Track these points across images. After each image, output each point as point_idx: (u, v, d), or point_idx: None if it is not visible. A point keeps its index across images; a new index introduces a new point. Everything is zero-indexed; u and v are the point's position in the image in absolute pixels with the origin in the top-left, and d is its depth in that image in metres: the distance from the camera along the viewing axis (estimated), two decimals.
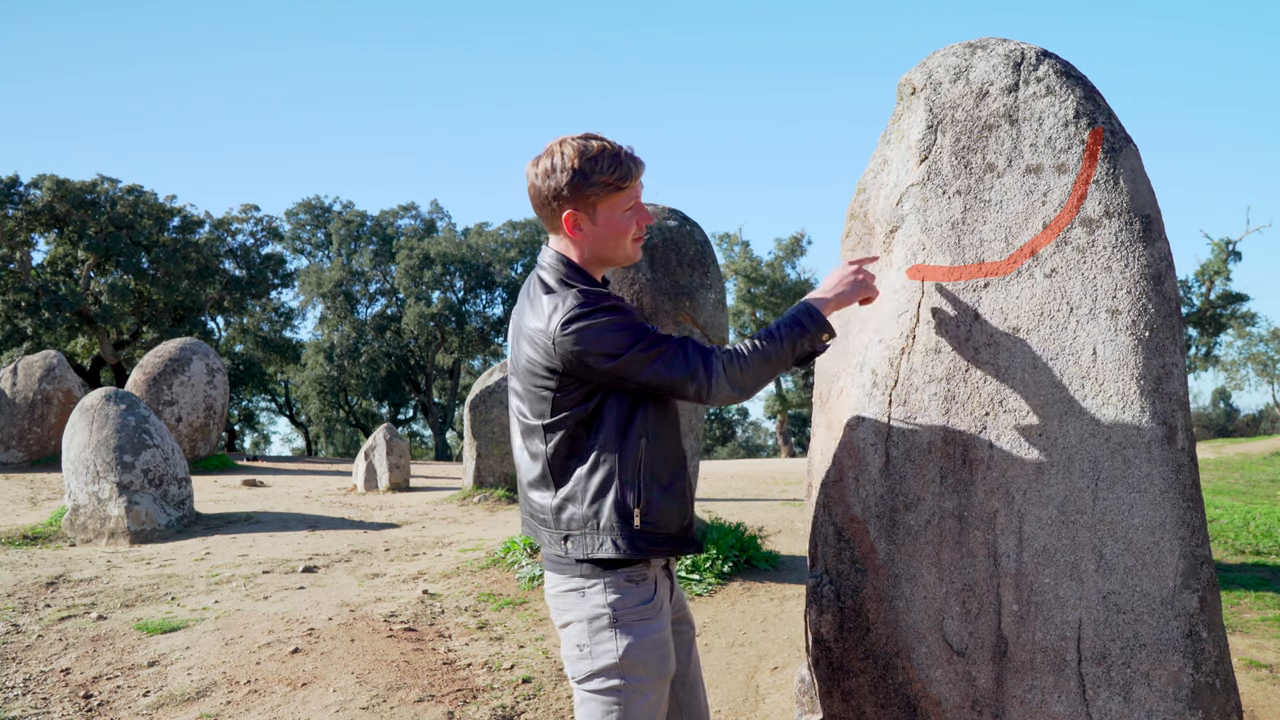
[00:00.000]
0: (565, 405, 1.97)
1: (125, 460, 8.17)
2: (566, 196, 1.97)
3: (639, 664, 1.98)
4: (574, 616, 2.02)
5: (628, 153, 1.99)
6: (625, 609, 1.99)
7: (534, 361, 1.98)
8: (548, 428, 2.00)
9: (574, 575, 2.02)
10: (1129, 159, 2.28)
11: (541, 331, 1.94)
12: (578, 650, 2.01)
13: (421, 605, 5.26)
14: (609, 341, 1.89)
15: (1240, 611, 4.83)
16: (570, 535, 2.01)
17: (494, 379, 11.09)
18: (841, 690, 2.40)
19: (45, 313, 23.22)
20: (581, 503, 1.99)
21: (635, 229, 2.04)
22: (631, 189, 2.00)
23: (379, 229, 32.78)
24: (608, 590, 1.99)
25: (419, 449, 35.61)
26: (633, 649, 1.97)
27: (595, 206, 1.99)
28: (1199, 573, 2.16)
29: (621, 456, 1.97)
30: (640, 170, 2.00)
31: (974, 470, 2.25)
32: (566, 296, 1.95)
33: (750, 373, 1.99)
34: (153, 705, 3.81)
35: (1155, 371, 2.19)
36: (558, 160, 1.95)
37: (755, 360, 1.99)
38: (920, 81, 2.49)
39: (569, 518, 2.01)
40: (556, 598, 2.08)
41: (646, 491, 1.98)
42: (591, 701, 2.00)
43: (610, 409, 1.97)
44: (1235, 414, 41.60)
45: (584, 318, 1.90)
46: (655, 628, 2.02)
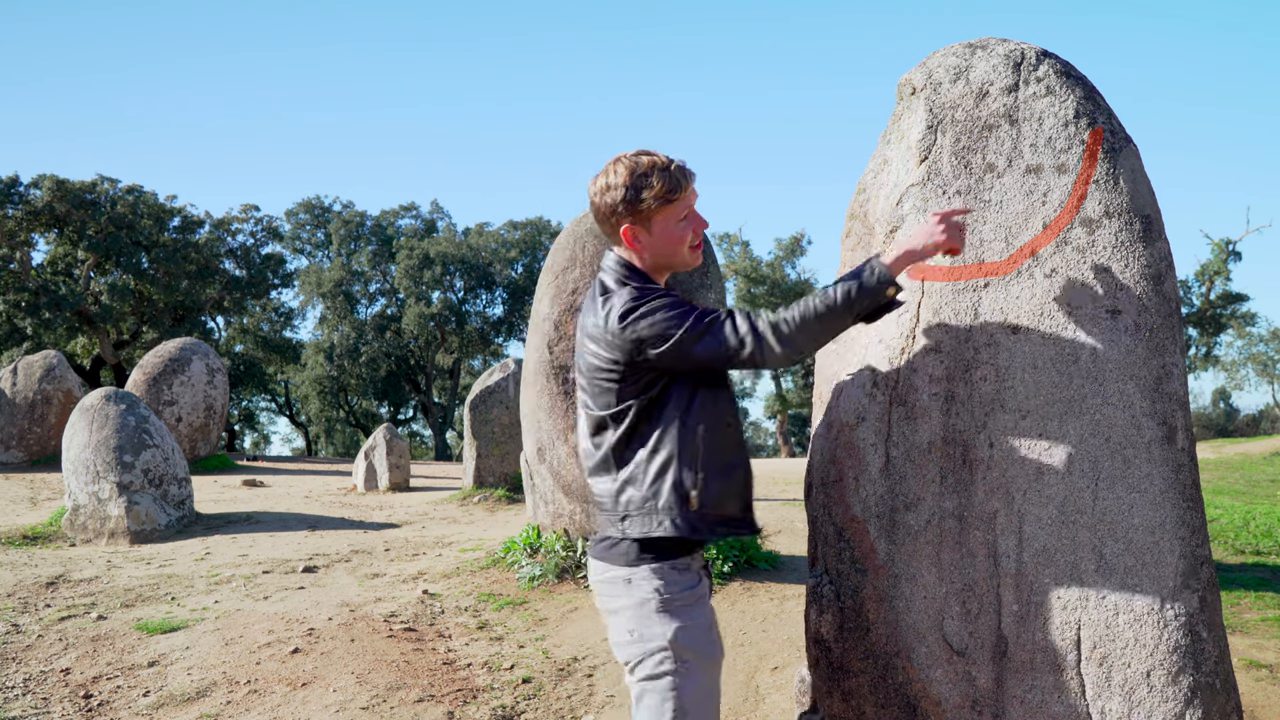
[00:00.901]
0: (629, 394, 2.08)
1: (125, 460, 8.17)
2: (623, 212, 2.10)
3: (688, 646, 2.04)
4: (622, 603, 2.09)
5: (678, 166, 2.10)
6: (672, 593, 2.06)
7: (598, 355, 2.09)
8: (613, 417, 2.11)
9: (621, 564, 2.09)
10: (1129, 159, 2.28)
11: (601, 328, 2.07)
12: (628, 635, 2.08)
13: (421, 605, 5.26)
14: (661, 326, 2.01)
15: (1240, 611, 4.83)
16: (628, 515, 2.10)
17: (494, 379, 11.09)
18: (841, 690, 2.40)
19: (45, 313, 23.22)
20: (641, 484, 2.08)
21: (691, 236, 2.15)
22: (683, 200, 2.11)
23: (379, 229, 32.77)
24: (654, 576, 2.06)
25: (419, 449, 35.62)
26: (681, 632, 2.04)
27: (650, 219, 2.11)
28: (1199, 573, 2.16)
29: (681, 440, 2.06)
30: (689, 182, 2.11)
31: (974, 470, 2.25)
32: (621, 294, 2.08)
33: (801, 333, 2.00)
34: (153, 705, 3.81)
35: (1155, 371, 2.19)
36: (612, 178, 2.10)
37: (805, 318, 2.01)
38: (920, 81, 2.49)
39: (628, 499, 2.10)
40: (603, 584, 2.15)
41: (704, 473, 2.06)
42: (649, 694, 2.05)
43: (671, 396, 2.08)
44: (1235, 414, 41.60)
45: (637, 309, 2.03)
46: (701, 612, 2.09)
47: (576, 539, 5.80)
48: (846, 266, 2.74)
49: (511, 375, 11.04)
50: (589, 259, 5.87)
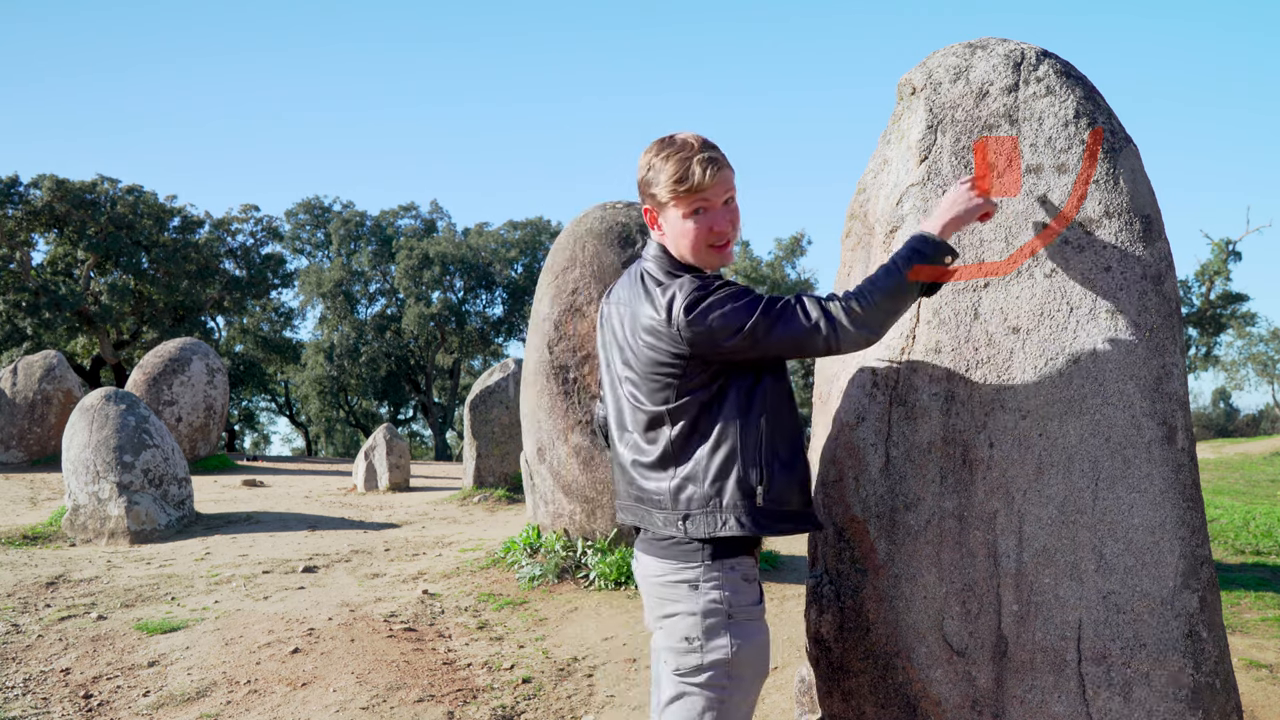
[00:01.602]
0: (690, 389, 2.00)
1: (125, 460, 8.17)
2: (642, 192, 2.06)
3: (746, 664, 1.99)
4: (685, 609, 2.01)
5: (703, 156, 1.97)
6: (740, 607, 2.00)
7: (657, 349, 2.00)
8: (671, 412, 2.01)
9: (687, 566, 2.00)
10: (1129, 159, 2.28)
11: (663, 321, 1.97)
12: (686, 644, 2.00)
13: (421, 605, 5.26)
14: (732, 316, 1.92)
15: (1240, 611, 4.83)
16: (690, 515, 2.01)
17: (494, 379, 11.09)
18: (841, 690, 2.40)
19: (45, 313, 23.21)
20: (703, 482, 1.99)
21: (709, 235, 2.02)
22: (699, 193, 1.98)
23: (379, 229, 32.76)
24: (724, 586, 1.99)
25: (419, 449, 35.61)
26: (744, 649, 1.98)
27: (663, 207, 2.04)
28: (1199, 573, 2.16)
29: (744, 435, 1.98)
30: (710, 175, 1.97)
31: (974, 470, 2.25)
32: (682, 284, 1.98)
33: (875, 311, 1.94)
34: (153, 705, 3.81)
35: (1155, 371, 2.19)
36: (643, 157, 2.04)
37: (877, 297, 1.95)
38: (920, 81, 2.49)
39: (689, 497, 2.01)
40: (664, 586, 2.05)
41: (768, 469, 1.99)
42: (694, 695, 1.99)
43: (732, 390, 2.00)
44: (1235, 414, 41.60)
45: (703, 300, 1.94)
46: (763, 629, 2.04)
47: (576, 539, 5.79)
48: (846, 266, 2.74)
49: (511, 375, 11.04)
50: (589, 259, 5.87)
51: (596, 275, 5.82)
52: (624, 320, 2.11)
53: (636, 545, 2.17)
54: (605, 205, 6.14)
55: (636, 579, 2.17)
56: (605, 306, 2.25)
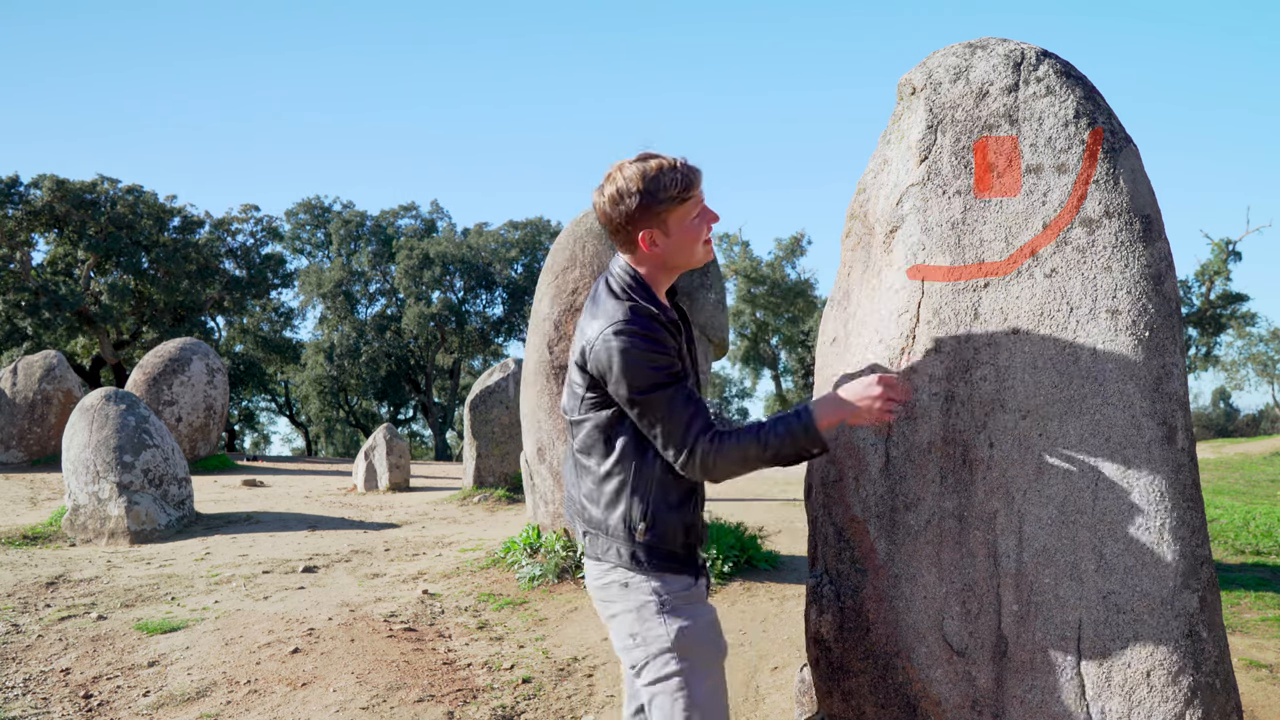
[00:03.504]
0: (590, 406, 2.07)
1: (125, 460, 8.17)
2: (639, 218, 2.05)
3: (692, 644, 2.04)
4: (621, 607, 2.08)
5: (684, 163, 2.07)
6: (671, 594, 2.06)
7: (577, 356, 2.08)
8: (574, 423, 2.12)
9: (615, 567, 2.08)
10: (1129, 159, 2.28)
11: (588, 335, 2.04)
12: (630, 639, 2.07)
13: (421, 605, 5.26)
14: (635, 372, 1.96)
15: (1240, 611, 4.83)
16: (588, 533, 2.13)
17: (494, 379, 11.09)
18: (841, 690, 2.40)
19: (45, 313, 23.21)
20: (598, 505, 2.09)
21: (705, 231, 2.14)
22: (696, 197, 2.09)
23: (379, 229, 32.75)
24: (650, 579, 2.05)
25: (419, 449, 35.60)
26: (684, 631, 2.04)
27: (667, 221, 2.07)
28: (1199, 573, 2.16)
29: (637, 470, 2.05)
30: (700, 178, 2.09)
31: (974, 470, 2.25)
32: (622, 309, 2.02)
33: (725, 466, 2.00)
34: (153, 705, 3.81)
35: (1155, 371, 2.19)
36: (624, 185, 2.04)
37: (735, 456, 1.99)
38: (920, 81, 2.49)
39: (589, 517, 2.12)
40: (599, 589, 2.13)
41: (654, 508, 2.05)
42: (659, 696, 2.04)
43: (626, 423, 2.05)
44: (1235, 414, 41.59)
45: (627, 336, 1.97)
46: (702, 609, 2.09)
47: (576, 539, 5.80)
48: (846, 266, 2.74)
49: (511, 375, 11.04)
50: (589, 259, 5.87)
51: (596, 275, 5.82)
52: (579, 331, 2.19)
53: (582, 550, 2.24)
54: None
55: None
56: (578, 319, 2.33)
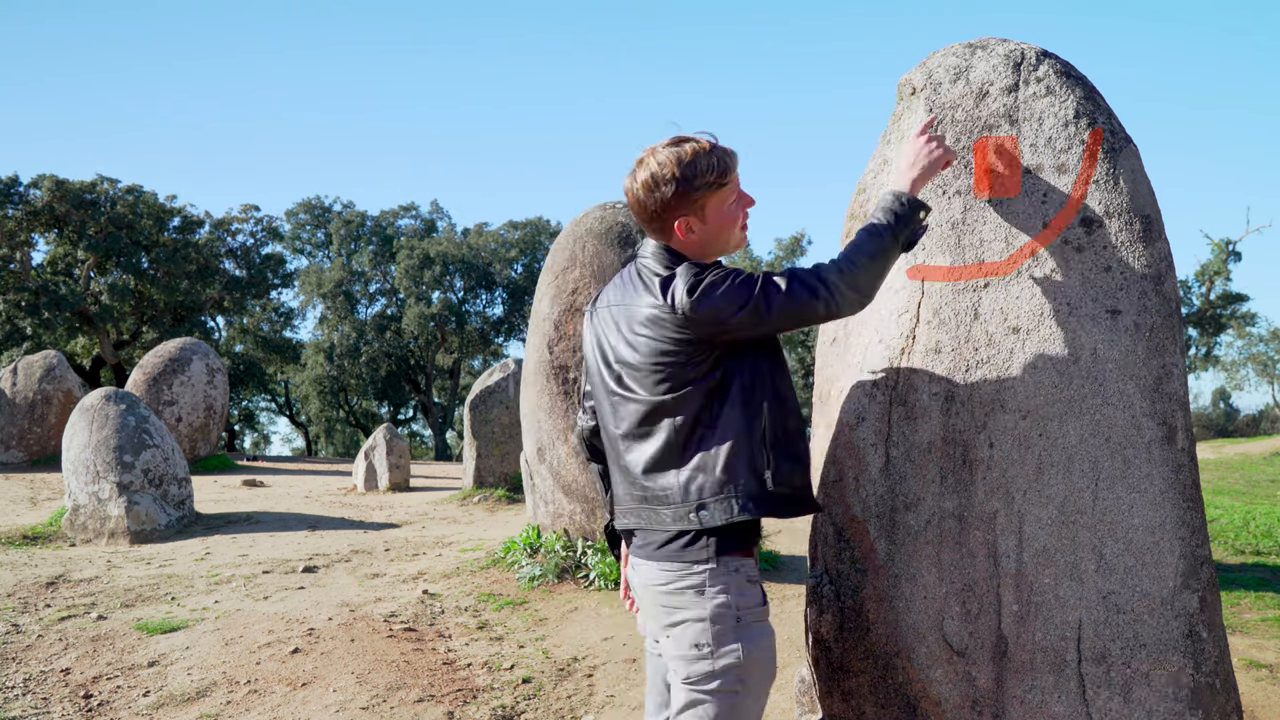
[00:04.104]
0: (692, 378, 2.00)
1: (125, 460, 8.17)
2: (674, 205, 2.03)
3: (756, 666, 1.98)
4: (693, 615, 1.99)
5: (721, 146, 2.04)
6: (747, 609, 1.99)
7: (660, 338, 2.01)
8: (676, 403, 2.02)
9: (691, 572, 2.00)
10: (1129, 159, 2.28)
11: (666, 307, 1.98)
12: (696, 650, 1.98)
13: (421, 605, 5.26)
14: (734, 293, 1.95)
15: (1240, 611, 4.83)
16: (705, 504, 2.00)
17: (494, 379, 11.08)
18: (841, 690, 2.40)
19: (45, 313, 23.21)
20: (714, 470, 2.00)
21: (743, 216, 2.11)
22: (733, 181, 2.06)
23: (379, 229, 32.76)
24: (730, 590, 1.99)
25: (419, 449, 35.60)
26: (754, 651, 1.97)
27: (704, 207, 2.05)
28: (1199, 573, 2.16)
29: (749, 421, 2.00)
30: (736, 161, 2.06)
31: (974, 470, 2.25)
32: (681, 270, 2.01)
33: (864, 274, 2.02)
34: (153, 705, 3.81)
35: (1155, 371, 2.19)
36: (657, 171, 2.01)
37: (864, 261, 2.02)
38: (920, 81, 2.49)
39: (700, 487, 2.01)
40: (669, 594, 2.03)
41: (774, 453, 2.01)
42: (706, 704, 1.97)
43: (735, 377, 2.01)
44: (1235, 414, 41.60)
45: (704, 282, 1.96)
46: (769, 630, 2.03)
47: (576, 539, 5.80)
48: None
49: (511, 375, 11.04)
50: (589, 259, 5.87)
51: (596, 275, 5.82)
52: (618, 320, 2.11)
53: (633, 552, 2.14)
54: (605, 205, 6.14)
55: (634, 588, 2.14)
56: (593, 313, 2.26)
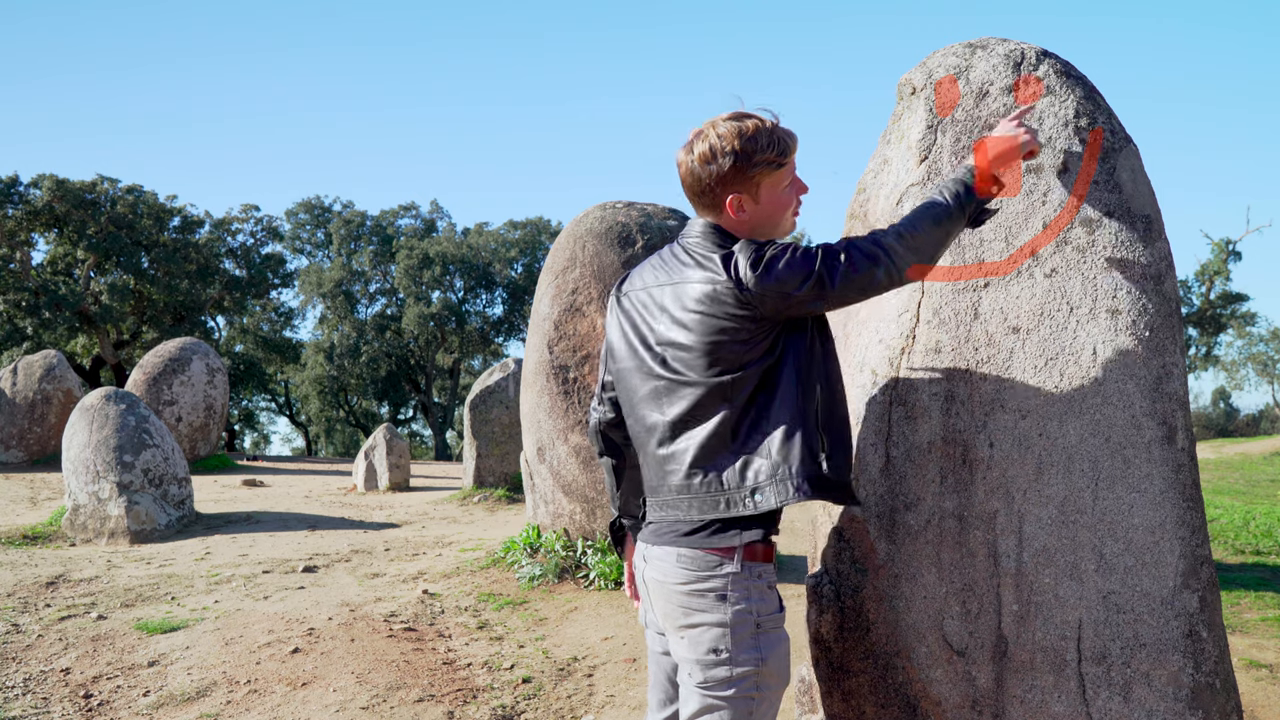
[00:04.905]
0: (750, 359, 1.95)
1: (125, 460, 8.17)
2: (730, 180, 1.97)
3: (774, 672, 1.97)
4: (712, 619, 1.95)
5: (783, 127, 2.00)
6: (766, 615, 1.97)
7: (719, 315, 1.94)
8: (734, 383, 1.96)
9: (714, 575, 1.95)
10: (1129, 159, 2.28)
11: (728, 283, 1.92)
12: (714, 655, 1.95)
13: (421, 605, 5.26)
14: (797, 265, 1.89)
15: (1240, 611, 4.83)
16: (759, 488, 1.94)
17: (494, 379, 11.09)
18: (841, 690, 2.41)
19: (45, 313, 23.22)
20: (769, 454, 1.94)
21: (796, 203, 2.06)
22: (791, 164, 2.01)
23: (379, 229, 32.76)
24: (751, 596, 1.95)
25: (419, 449, 35.61)
26: (773, 657, 1.96)
27: (759, 186, 1.99)
28: (1199, 573, 2.16)
29: (804, 403, 1.96)
30: (796, 143, 2.01)
31: (974, 470, 2.25)
32: (740, 247, 1.95)
33: (926, 238, 1.97)
34: (153, 705, 3.81)
35: (1155, 371, 2.19)
36: (716, 144, 1.96)
37: (926, 225, 1.97)
38: (920, 81, 2.49)
39: (756, 470, 1.95)
40: (688, 596, 1.98)
41: (828, 436, 1.98)
42: (722, 710, 1.94)
43: (789, 358, 1.97)
44: (1235, 414, 41.59)
45: (766, 255, 1.89)
46: (785, 636, 2.02)
47: (577, 539, 5.80)
48: None
49: (511, 375, 11.04)
50: (589, 259, 5.87)
51: (596, 275, 5.82)
52: (663, 300, 2.05)
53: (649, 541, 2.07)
54: (605, 205, 6.14)
55: (647, 583, 2.08)
56: (620, 297, 2.18)
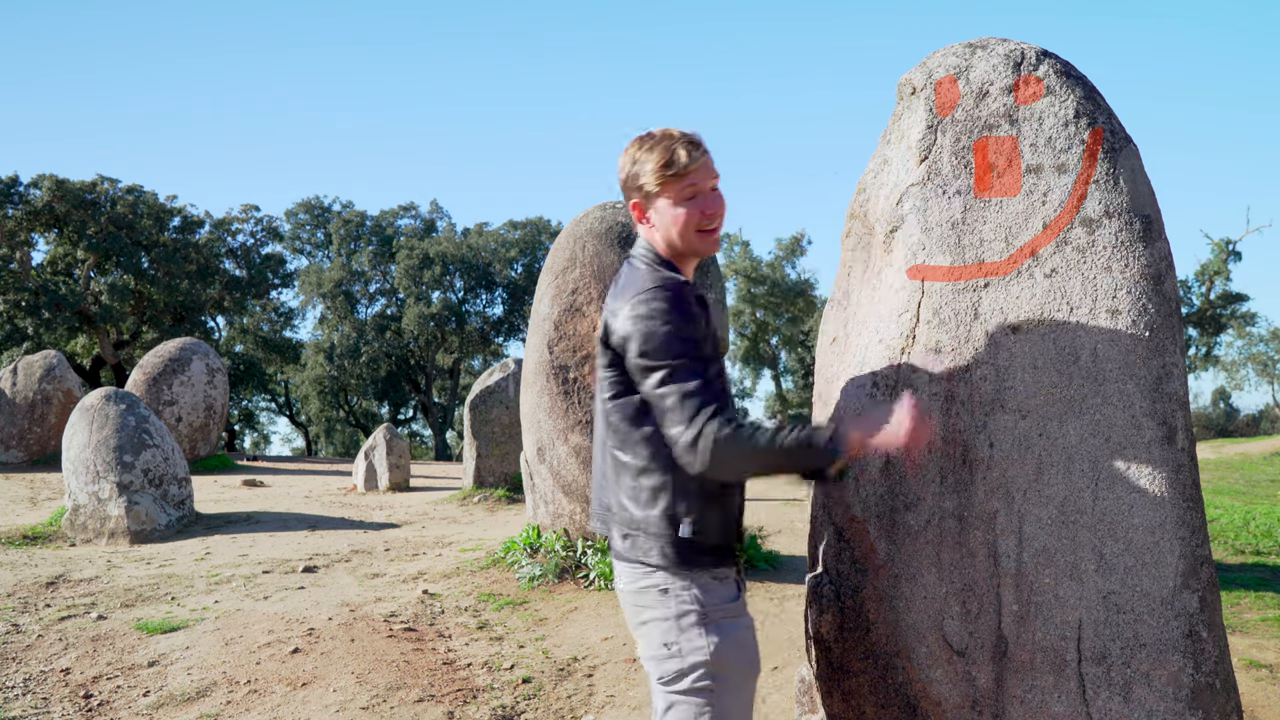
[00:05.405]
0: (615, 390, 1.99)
1: (125, 460, 8.17)
2: (630, 186, 2.06)
3: (728, 662, 1.96)
4: (658, 615, 1.98)
5: (687, 140, 1.99)
6: (713, 606, 1.97)
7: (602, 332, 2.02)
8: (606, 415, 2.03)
9: (655, 572, 1.98)
10: (1129, 159, 2.28)
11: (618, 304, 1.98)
12: (664, 649, 1.97)
13: (421, 605, 5.26)
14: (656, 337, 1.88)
15: (1240, 611, 4.83)
16: (628, 535, 2.01)
17: (494, 379, 11.09)
18: (841, 690, 2.40)
19: (45, 313, 23.22)
20: (638, 503, 1.98)
21: (700, 219, 2.01)
22: (686, 177, 1.99)
23: (379, 229, 32.76)
24: (694, 587, 1.96)
25: (419, 449, 35.60)
26: (723, 647, 1.95)
27: (652, 198, 2.04)
28: (1199, 573, 2.16)
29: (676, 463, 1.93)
30: (695, 158, 1.98)
31: (974, 470, 2.25)
32: (653, 277, 1.98)
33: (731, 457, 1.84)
34: (153, 705, 3.81)
35: (1155, 371, 2.19)
36: (624, 155, 2.05)
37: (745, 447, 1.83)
38: (920, 81, 2.49)
39: (628, 517, 2.01)
40: (635, 594, 2.03)
41: (698, 501, 1.95)
42: (683, 705, 1.96)
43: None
44: (1235, 414, 41.58)
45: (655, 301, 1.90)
46: (743, 624, 2.00)
47: (576, 539, 5.80)
48: (846, 266, 2.74)
49: (511, 375, 11.04)
50: (589, 259, 5.87)
51: (596, 275, 5.82)
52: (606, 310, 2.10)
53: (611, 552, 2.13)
54: (605, 205, 6.14)
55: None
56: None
